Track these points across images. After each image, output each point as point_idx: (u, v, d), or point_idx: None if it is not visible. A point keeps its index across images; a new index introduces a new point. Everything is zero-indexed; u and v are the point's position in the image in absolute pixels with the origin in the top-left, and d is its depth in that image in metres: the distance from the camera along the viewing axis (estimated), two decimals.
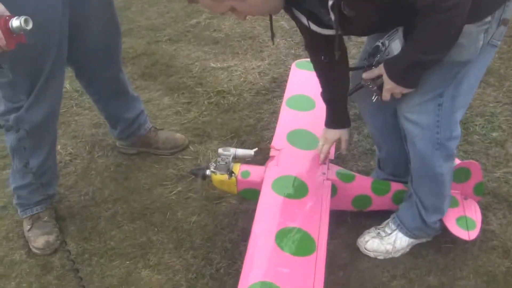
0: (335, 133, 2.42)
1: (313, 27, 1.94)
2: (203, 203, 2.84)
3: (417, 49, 1.80)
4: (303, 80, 2.99)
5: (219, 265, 2.51)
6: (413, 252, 2.46)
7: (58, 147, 3.34)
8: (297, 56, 3.92)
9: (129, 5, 5.00)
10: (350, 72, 2.29)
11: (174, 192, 2.93)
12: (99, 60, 2.71)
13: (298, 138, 2.61)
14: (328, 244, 2.08)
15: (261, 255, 2.04)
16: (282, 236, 2.08)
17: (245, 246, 2.08)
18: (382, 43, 1.96)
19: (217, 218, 2.75)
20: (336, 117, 2.39)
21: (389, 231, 2.43)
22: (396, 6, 1.76)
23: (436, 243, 2.47)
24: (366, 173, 2.76)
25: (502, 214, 2.59)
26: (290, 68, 3.72)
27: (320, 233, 2.10)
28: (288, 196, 2.29)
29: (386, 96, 1.99)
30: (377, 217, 2.56)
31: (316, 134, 2.55)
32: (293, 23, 2.21)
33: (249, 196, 2.53)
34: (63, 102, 3.68)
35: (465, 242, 2.38)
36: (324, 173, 2.42)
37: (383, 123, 2.39)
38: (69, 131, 3.50)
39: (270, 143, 2.67)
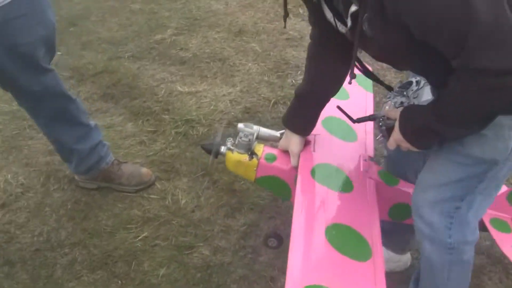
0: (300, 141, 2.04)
1: (340, 27, 1.63)
2: (172, 253, 2.58)
3: (439, 116, 1.48)
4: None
5: None
6: None
7: (9, 176, 3.02)
8: (271, 84, 3.71)
9: (89, 14, 4.67)
10: None
11: (139, 238, 2.66)
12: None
13: (335, 126, 2.19)
14: None
15: (310, 253, 1.66)
16: (332, 233, 1.69)
17: None
18: (417, 81, 1.73)
19: (188, 272, 2.50)
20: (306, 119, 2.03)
21: None
22: (428, 52, 1.43)
23: None
24: None
25: (498, 278, 2.44)
26: (263, 97, 3.56)
27: (374, 238, 1.71)
28: (333, 187, 1.89)
29: (391, 144, 1.71)
30: None
31: (353, 127, 2.20)
32: (266, 45, 1.92)
33: (269, 186, 2.13)
34: (15, 122, 3.37)
35: None
36: (366, 171, 2.02)
37: (405, 159, 2.08)
38: (20, 157, 3.16)
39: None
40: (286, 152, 2.07)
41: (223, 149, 2.08)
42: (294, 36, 4.24)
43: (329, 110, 2.14)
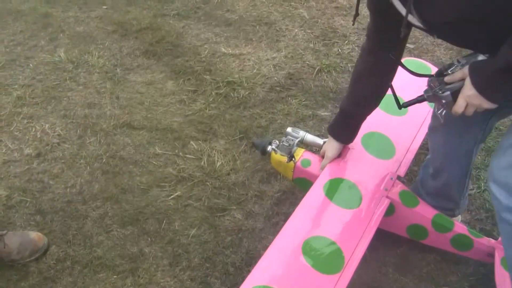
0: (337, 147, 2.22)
1: (411, 18, 1.59)
2: (204, 214, 2.53)
3: None
4: (405, 81, 2.64)
5: None
6: None
7: (46, 126, 3.00)
8: (316, 51, 3.58)
9: None
10: None
11: (172, 197, 2.61)
12: None
13: (375, 142, 2.36)
14: None
15: (280, 258, 1.85)
16: (311, 244, 1.89)
17: (249, 272, 1.79)
18: (458, 60, 1.66)
19: (219, 234, 2.44)
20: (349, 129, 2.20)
21: None
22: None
23: None
24: None
25: None
26: (307, 64, 3.44)
27: (354, 254, 1.88)
28: (337, 202, 2.07)
29: (460, 105, 1.61)
30: (397, 258, 2.29)
31: (395, 145, 2.34)
32: (314, 12, 1.85)
33: (303, 187, 2.29)
34: (56, 73, 3.34)
35: None
36: (386, 189, 2.16)
37: (457, 146, 2.06)
38: (59, 108, 3.14)
39: None
40: (321, 159, 2.29)
41: (269, 148, 2.38)
42: (343, 5, 4.08)
43: (375, 125, 2.41)
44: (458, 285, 2.23)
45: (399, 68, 1.91)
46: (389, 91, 2.04)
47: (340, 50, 3.60)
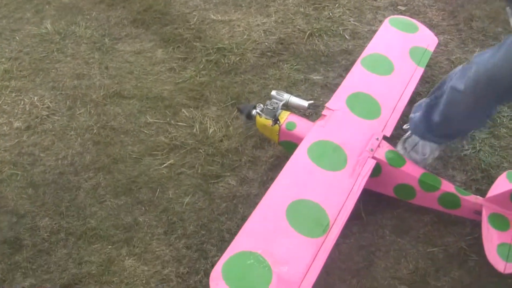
0: None
1: None
2: (198, 181, 2.50)
3: None
4: (391, 40, 2.66)
5: (214, 259, 2.20)
6: (435, 263, 2.18)
7: (35, 98, 2.95)
8: (306, 16, 3.52)
9: None
10: None
11: (165, 165, 2.58)
12: None
13: (360, 102, 2.34)
14: (340, 244, 1.89)
15: (263, 222, 1.87)
16: (295, 208, 1.89)
17: None
18: None
19: (213, 201, 2.42)
20: None
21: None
22: None
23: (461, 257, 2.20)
24: None
25: None
26: (298, 28, 3.39)
27: (339, 217, 1.89)
28: (321, 165, 2.06)
29: None
30: (394, 220, 2.28)
31: (381, 104, 2.31)
32: None
33: (290, 150, 2.25)
34: (43, 45, 3.28)
35: None
36: (371, 150, 2.16)
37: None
38: (47, 80, 3.08)
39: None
40: (306, 121, 2.30)
41: (253, 112, 2.38)
42: None
43: (359, 85, 2.38)
44: (455, 246, 2.23)
45: None
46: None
47: (331, 14, 3.53)
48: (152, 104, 2.90)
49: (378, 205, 2.33)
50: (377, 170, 2.14)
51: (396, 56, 2.48)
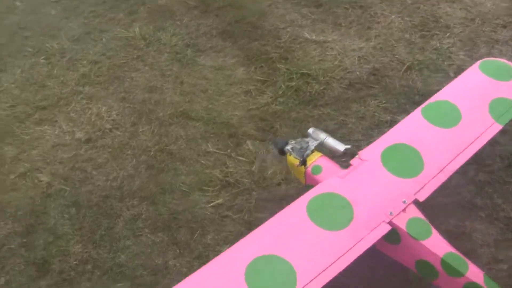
0: None
1: None
2: (241, 229, 2.29)
3: None
4: (472, 86, 2.20)
5: None
6: None
7: (103, 109, 2.87)
8: (410, 44, 3.15)
9: None
10: None
11: (212, 204, 2.39)
12: None
13: (399, 156, 1.94)
14: None
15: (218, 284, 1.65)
16: (259, 264, 1.65)
17: None
18: None
19: None
20: None
21: None
22: None
23: None
24: None
25: None
26: (397, 58, 3.04)
27: (313, 281, 1.58)
28: (315, 221, 1.74)
29: None
30: None
31: (426, 161, 1.90)
32: None
33: None
34: (126, 50, 3.20)
35: None
36: (391, 213, 1.78)
37: None
38: (120, 90, 3.00)
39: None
40: (335, 168, 2.00)
41: (286, 148, 2.13)
42: None
43: (406, 135, 1.99)
44: None
45: None
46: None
47: (438, 44, 3.15)
48: (217, 131, 2.72)
49: None
50: (396, 238, 1.79)
51: (469, 107, 2.04)
